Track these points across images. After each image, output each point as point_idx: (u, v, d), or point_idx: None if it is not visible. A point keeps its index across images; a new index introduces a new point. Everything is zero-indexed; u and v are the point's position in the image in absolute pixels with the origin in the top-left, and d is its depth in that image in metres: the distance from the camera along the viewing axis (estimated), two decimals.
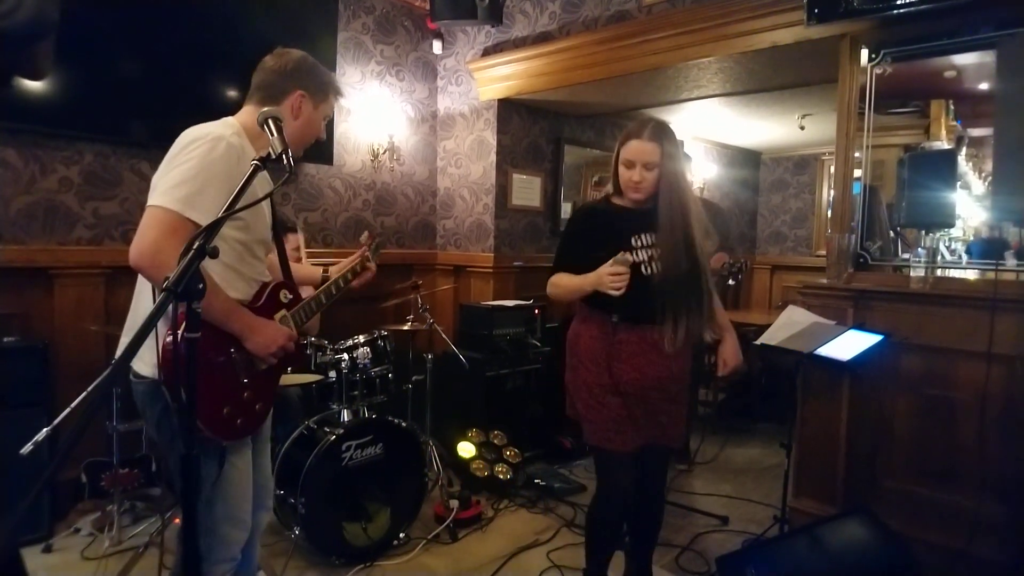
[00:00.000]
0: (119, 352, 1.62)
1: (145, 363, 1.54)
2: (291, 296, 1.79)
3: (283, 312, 1.75)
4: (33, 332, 2.90)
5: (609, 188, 2.20)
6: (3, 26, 0.84)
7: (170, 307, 1.46)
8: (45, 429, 2.38)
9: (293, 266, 1.98)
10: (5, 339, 2.76)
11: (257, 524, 1.86)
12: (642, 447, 2.10)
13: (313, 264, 2.43)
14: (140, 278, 1.59)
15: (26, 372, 2.71)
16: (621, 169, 2.09)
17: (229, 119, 1.68)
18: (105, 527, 2.76)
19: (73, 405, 2.31)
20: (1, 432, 2.55)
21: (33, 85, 2.71)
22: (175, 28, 3.08)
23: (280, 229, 1.89)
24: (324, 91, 1.80)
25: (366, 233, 2.20)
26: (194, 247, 1.16)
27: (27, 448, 2.33)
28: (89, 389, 2.01)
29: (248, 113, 1.71)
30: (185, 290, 1.11)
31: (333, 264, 2.22)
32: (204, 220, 1.46)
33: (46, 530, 2.74)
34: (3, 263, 2.84)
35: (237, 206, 1.28)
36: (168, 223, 1.46)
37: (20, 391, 2.68)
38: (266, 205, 1.74)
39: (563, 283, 2.13)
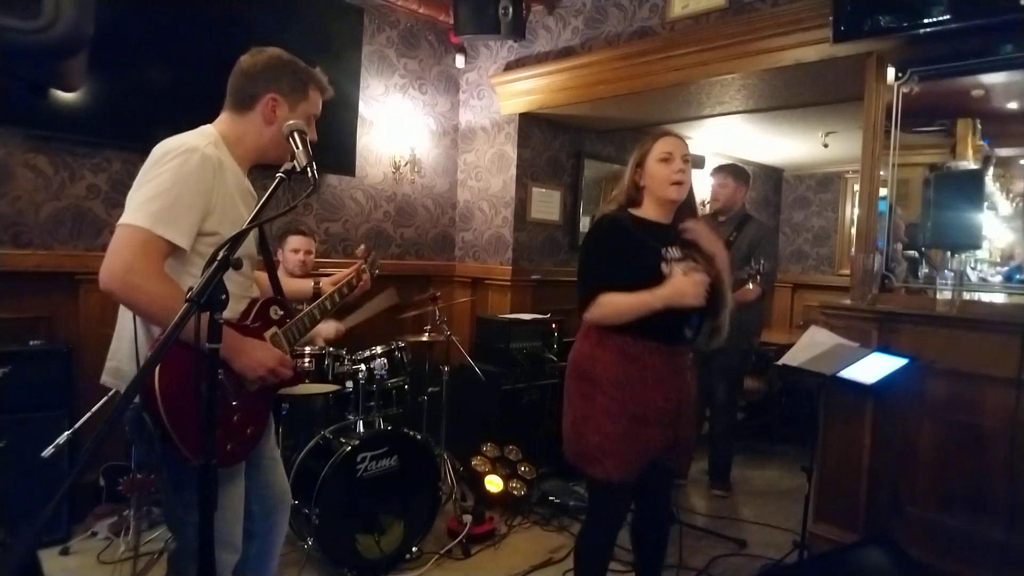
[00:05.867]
0: (106, 376, 1.59)
1: None
2: (282, 312, 1.71)
3: (274, 329, 1.67)
4: (58, 336, 2.95)
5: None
6: (40, 40, 0.85)
7: (154, 330, 1.45)
8: (66, 433, 2.42)
9: (283, 280, 1.89)
10: (31, 342, 2.80)
11: (277, 536, 1.86)
12: (647, 470, 1.99)
13: (322, 272, 2.36)
14: None
15: (50, 375, 2.74)
16: (657, 168, 1.95)
17: (207, 128, 1.61)
18: (121, 531, 2.78)
19: (87, 416, 2.34)
20: (24, 434, 2.59)
21: (65, 95, 2.77)
22: (203, 39, 3.14)
23: (268, 243, 1.81)
24: (301, 89, 1.65)
25: (362, 247, 2.12)
26: (218, 258, 1.17)
27: (48, 451, 2.37)
28: (101, 402, 2.02)
29: (225, 121, 1.63)
30: (208, 301, 1.12)
31: (327, 276, 2.15)
32: (178, 238, 1.42)
33: (64, 532, 2.77)
34: (31, 267, 2.90)
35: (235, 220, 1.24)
36: (139, 242, 1.38)
37: (43, 394, 2.71)
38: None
39: (621, 304, 1.88)
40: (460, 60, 4.50)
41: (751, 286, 3.24)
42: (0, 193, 2.84)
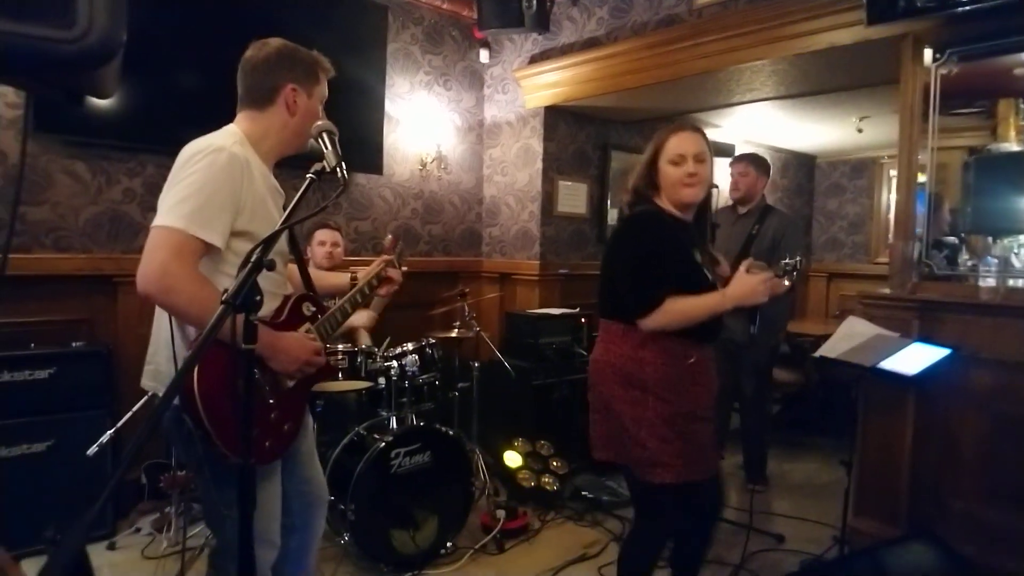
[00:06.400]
0: (146, 380, 1.61)
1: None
2: (314, 308, 1.72)
3: (307, 325, 1.68)
4: (98, 337, 3.03)
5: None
6: (75, 50, 0.86)
7: (189, 332, 1.48)
8: (108, 432, 2.49)
9: (320, 275, 1.89)
10: (73, 344, 2.88)
11: (315, 531, 1.89)
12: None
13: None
14: None
15: (92, 376, 2.82)
16: (668, 169, 1.92)
17: (230, 127, 1.62)
18: (164, 527, 2.85)
19: (128, 416, 2.38)
20: (69, 433, 2.67)
21: (100, 101, 2.83)
22: (231, 41, 3.17)
23: (297, 241, 1.81)
24: (313, 75, 1.67)
25: (389, 237, 2.08)
26: (252, 259, 1.19)
27: (92, 449, 2.45)
28: (140, 404, 2.05)
29: (246, 119, 1.64)
30: (243, 303, 1.13)
31: (362, 270, 2.11)
32: (211, 237, 1.43)
33: (110, 528, 2.85)
34: (72, 271, 2.98)
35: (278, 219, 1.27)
36: (174, 243, 1.39)
37: (86, 394, 2.79)
38: (279, 215, 1.61)
39: (691, 308, 1.83)
40: (484, 55, 4.48)
41: (787, 282, 3.18)
42: (42, 199, 2.93)
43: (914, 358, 2.45)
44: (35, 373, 2.69)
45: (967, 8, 2.41)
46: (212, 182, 1.45)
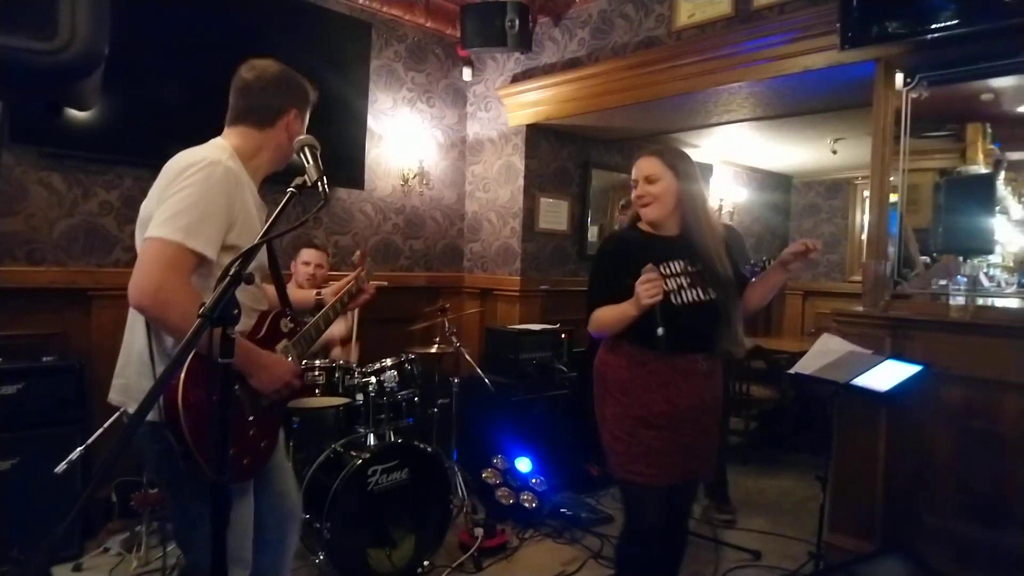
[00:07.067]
0: (114, 395, 1.57)
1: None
2: (292, 325, 1.72)
3: (284, 342, 1.69)
4: (71, 352, 2.97)
5: (623, 212, 2.22)
6: (56, 61, 0.86)
7: (167, 345, 1.45)
8: (78, 449, 2.43)
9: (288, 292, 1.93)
10: (44, 358, 2.82)
11: (288, 547, 1.85)
12: (675, 483, 2.02)
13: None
14: (131, 311, 1.49)
15: (62, 391, 2.76)
16: (633, 193, 2.12)
17: (220, 141, 1.62)
18: (133, 547, 2.78)
19: (99, 433, 2.33)
20: (37, 450, 2.60)
21: (78, 113, 2.80)
22: (213, 56, 3.17)
23: (276, 256, 1.80)
24: (308, 101, 1.73)
25: (358, 253, 2.10)
26: (230, 273, 1.18)
27: (61, 467, 2.39)
28: (112, 419, 2.02)
29: (241, 136, 1.64)
30: (221, 316, 1.12)
31: (329, 287, 2.11)
32: (206, 249, 1.42)
33: (77, 548, 2.77)
34: (44, 284, 2.92)
35: (262, 232, 1.27)
36: (170, 256, 1.38)
37: (56, 410, 2.72)
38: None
39: (606, 316, 2.01)
40: (467, 73, 4.53)
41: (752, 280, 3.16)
42: (15, 211, 2.88)
43: (887, 374, 2.49)
44: (2, 388, 2.62)
45: (937, 35, 2.49)
46: (208, 195, 1.45)
